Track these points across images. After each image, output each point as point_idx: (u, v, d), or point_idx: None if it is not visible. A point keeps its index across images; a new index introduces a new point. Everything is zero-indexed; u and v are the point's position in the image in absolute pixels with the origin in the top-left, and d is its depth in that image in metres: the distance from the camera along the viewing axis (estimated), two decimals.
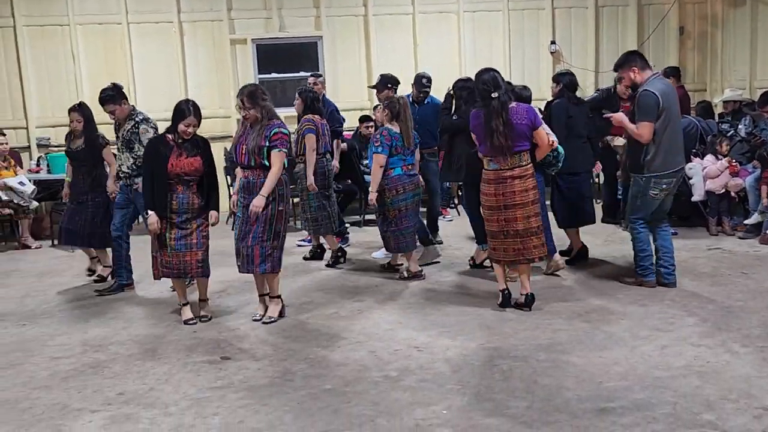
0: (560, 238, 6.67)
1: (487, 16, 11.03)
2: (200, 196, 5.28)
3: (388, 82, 7.49)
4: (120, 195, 6.26)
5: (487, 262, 6.29)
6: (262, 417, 3.78)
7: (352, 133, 9.71)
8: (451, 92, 6.67)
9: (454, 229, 8.39)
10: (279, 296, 5.44)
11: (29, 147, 10.12)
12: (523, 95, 6.06)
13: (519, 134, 5.19)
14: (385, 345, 4.76)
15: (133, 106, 6.28)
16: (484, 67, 5.49)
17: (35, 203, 8.87)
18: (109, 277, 6.63)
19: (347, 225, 8.14)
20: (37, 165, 9.63)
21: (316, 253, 7.32)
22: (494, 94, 5.16)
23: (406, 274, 6.36)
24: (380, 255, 7.15)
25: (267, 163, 5.14)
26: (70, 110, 6.53)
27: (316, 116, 6.97)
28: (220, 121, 10.57)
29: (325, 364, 4.48)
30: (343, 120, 8.46)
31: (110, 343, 5.05)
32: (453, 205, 9.64)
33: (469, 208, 6.58)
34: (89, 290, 6.51)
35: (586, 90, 10.39)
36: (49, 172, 9.36)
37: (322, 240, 7.27)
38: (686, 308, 5.21)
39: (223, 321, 5.44)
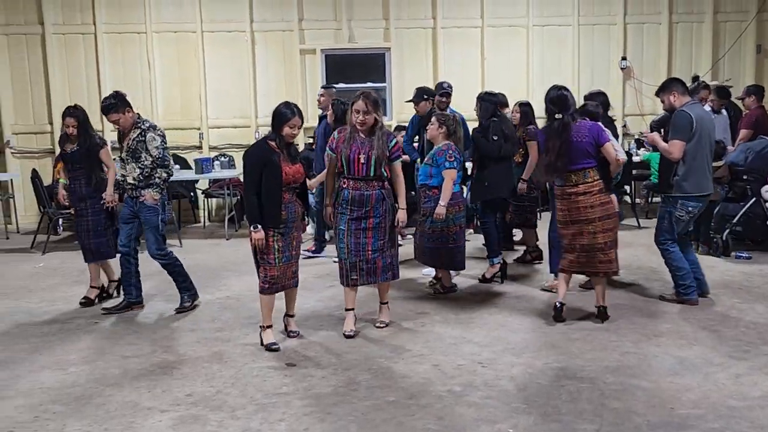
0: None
1: (556, 30, 10.93)
2: (301, 204, 5.10)
3: (424, 95, 7.46)
4: (125, 208, 5.92)
5: (497, 277, 6.62)
6: (327, 426, 3.81)
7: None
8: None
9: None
10: (387, 302, 5.49)
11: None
12: (593, 112, 6.01)
13: (581, 152, 5.24)
14: (449, 359, 4.74)
15: (138, 114, 5.93)
16: (555, 84, 5.52)
17: None
18: (115, 292, 6.40)
19: None
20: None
21: None
22: (558, 115, 5.25)
23: (441, 290, 6.32)
24: (430, 271, 7.07)
25: (384, 174, 5.10)
26: (65, 114, 6.14)
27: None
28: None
29: (389, 375, 4.49)
30: None
31: (178, 345, 5.16)
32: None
33: (486, 222, 6.69)
34: (158, 290, 6.66)
35: (657, 109, 10.18)
36: None
37: None
38: (762, 336, 5.04)
39: (281, 328, 5.50)
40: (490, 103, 6.63)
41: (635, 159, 9.77)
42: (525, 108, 7.31)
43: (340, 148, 5.12)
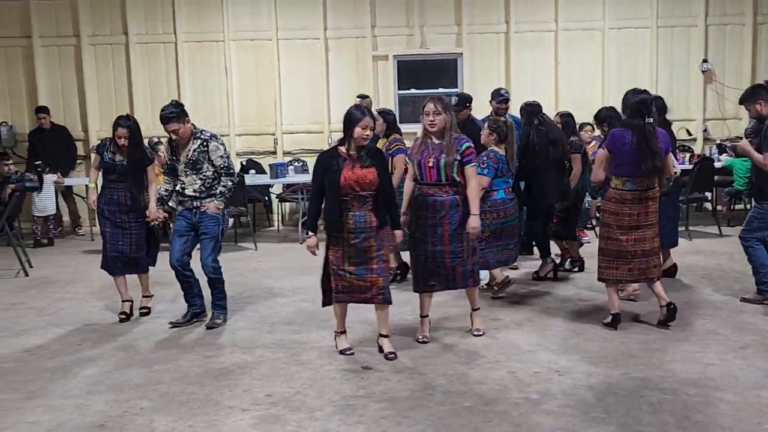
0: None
1: (633, 33, 10.73)
2: (378, 214, 4.81)
3: (466, 102, 7.36)
4: (180, 221, 5.73)
5: (550, 275, 6.84)
6: (404, 429, 3.83)
7: None
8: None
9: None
10: (479, 308, 5.46)
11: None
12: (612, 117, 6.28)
13: None
14: (525, 366, 4.70)
15: (193, 124, 5.72)
16: (635, 88, 5.43)
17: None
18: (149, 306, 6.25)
19: None
20: None
21: (396, 275, 7.04)
22: (649, 119, 5.20)
23: (496, 288, 6.35)
24: (485, 275, 7.05)
25: (457, 179, 5.00)
26: (117, 125, 5.89)
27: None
28: None
29: (465, 380, 4.48)
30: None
31: (256, 346, 5.28)
32: (591, 226, 9.39)
33: (535, 225, 6.87)
34: (235, 292, 6.83)
35: (740, 113, 9.87)
36: None
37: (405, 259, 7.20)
38: None
39: (363, 331, 5.55)
40: (528, 113, 6.64)
41: (717, 165, 9.48)
42: (567, 118, 7.30)
43: (412, 155, 5.11)
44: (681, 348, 4.95)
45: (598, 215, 6.40)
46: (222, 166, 5.68)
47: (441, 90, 10.99)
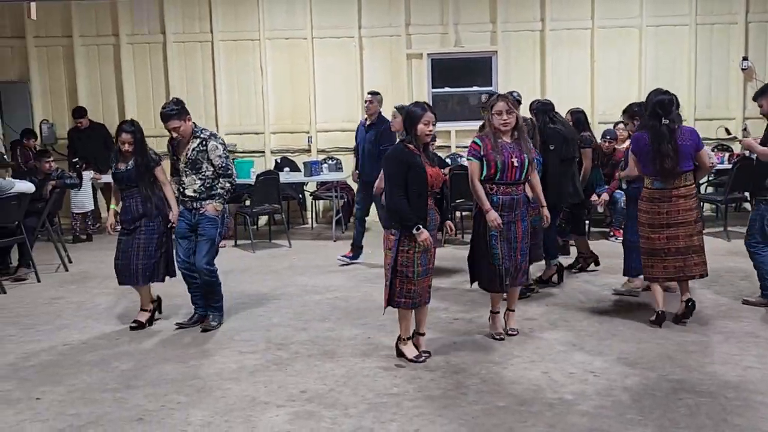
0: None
1: (672, 30, 10.57)
2: (439, 212, 4.81)
3: None
4: (180, 223, 5.61)
5: (554, 278, 6.75)
6: (438, 428, 3.84)
7: None
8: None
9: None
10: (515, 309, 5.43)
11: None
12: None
13: (684, 155, 5.31)
14: (559, 367, 4.68)
15: (194, 123, 5.61)
16: (657, 88, 5.53)
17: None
18: (147, 323, 5.83)
19: None
20: None
21: None
22: (664, 120, 5.25)
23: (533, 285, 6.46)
24: None
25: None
26: (121, 130, 5.62)
27: None
28: None
29: (498, 380, 4.47)
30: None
31: (291, 343, 5.32)
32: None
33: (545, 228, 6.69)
34: (269, 288, 6.90)
35: None
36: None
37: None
38: None
39: (395, 330, 5.55)
40: (541, 112, 6.58)
41: None
42: (578, 115, 7.30)
43: (491, 154, 4.91)
44: (719, 350, 4.88)
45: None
46: (220, 166, 5.54)
47: (475, 89, 10.97)
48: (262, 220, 10.57)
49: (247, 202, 9.88)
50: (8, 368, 4.95)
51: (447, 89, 10.96)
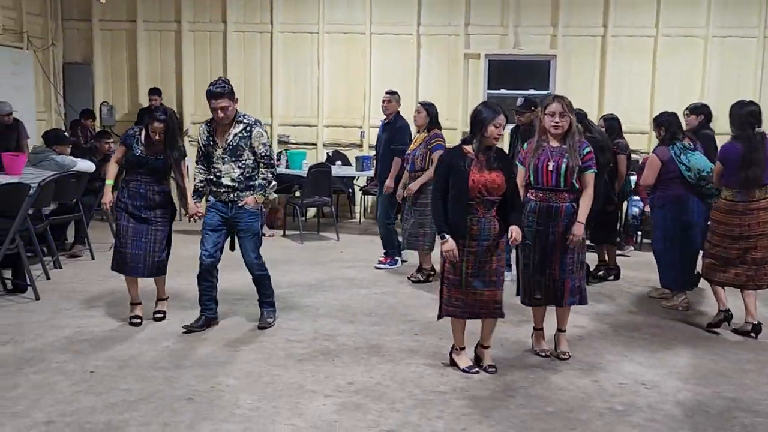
0: None
1: (738, 42, 10.32)
2: (500, 221, 4.48)
3: (532, 105, 7.04)
4: (213, 215, 5.25)
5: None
6: (486, 428, 3.81)
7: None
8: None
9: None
10: (566, 331, 5.04)
11: (271, 143, 10.98)
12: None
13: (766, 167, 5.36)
14: (610, 376, 4.60)
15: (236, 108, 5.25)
16: (742, 99, 5.61)
17: (274, 195, 9.57)
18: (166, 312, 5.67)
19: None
20: (278, 160, 10.41)
21: (429, 275, 6.95)
22: (759, 129, 5.25)
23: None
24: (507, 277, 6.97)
25: (576, 185, 4.71)
26: (154, 118, 5.29)
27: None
28: (446, 132, 10.72)
29: (547, 385, 4.42)
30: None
31: (338, 334, 5.33)
32: None
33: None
34: (317, 280, 6.93)
35: None
36: (287, 167, 10.08)
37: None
38: None
39: (443, 329, 5.53)
40: (576, 118, 6.43)
41: None
42: (611, 122, 7.27)
43: (527, 157, 4.76)
44: None
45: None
46: (263, 155, 5.20)
47: (531, 92, 10.85)
48: (311, 211, 10.63)
49: (297, 194, 9.95)
50: (64, 341, 5.06)
51: (503, 91, 10.86)
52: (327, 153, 10.93)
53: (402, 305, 6.16)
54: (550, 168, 4.65)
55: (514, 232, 4.41)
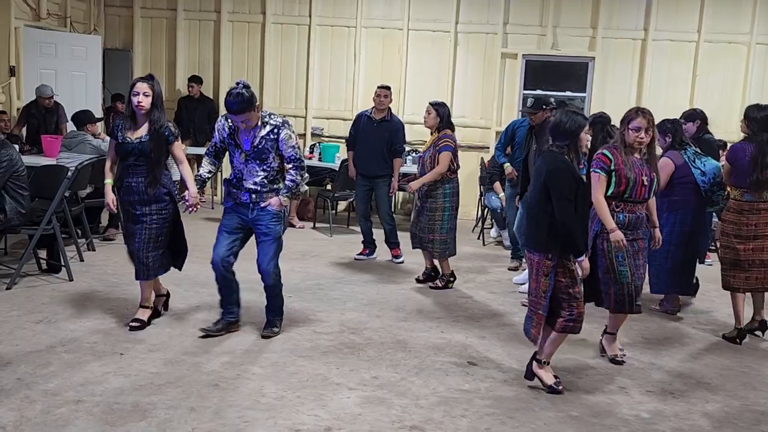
0: None
1: None
2: None
3: (542, 104, 6.83)
4: (231, 216, 4.91)
5: None
6: (509, 429, 3.80)
7: None
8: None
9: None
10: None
11: (305, 135, 11.03)
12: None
13: None
14: (637, 383, 4.55)
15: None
16: (757, 104, 5.69)
17: (306, 187, 9.65)
18: (162, 309, 5.36)
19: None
20: (311, 152, 10.46)
21: (430, 276, 6.82)
22: None
23: None
24: (521, 279, 6.81)
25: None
26: (138, 80, 4.83)
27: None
28: (480, 131, 10.77)
29: (573, 389, 4.39)
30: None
31: (365, 328, 5.35)
32: (714, 247, 8.93)
33: None
34: (345, 273, 6.96)
35: None
36: (320, 159, 10.12)
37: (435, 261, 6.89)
38: None
39: (469, 327, 5.54)
40: (599, 124, 6.29)
41: None
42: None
43: (624, 170, 4.60)
44: None
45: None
46: (293, 157, 4.82)
47: (568, 93, 10.78)
48: (342, 205, 10.66)
49: (329, 187, 9.99)
50: (96, 321, 5.15)
51: (539, 92, 10.77)
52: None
53: (429, 302, 6.16)
54: (646, 182, 4.65)
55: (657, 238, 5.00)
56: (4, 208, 5.81)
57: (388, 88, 7.79)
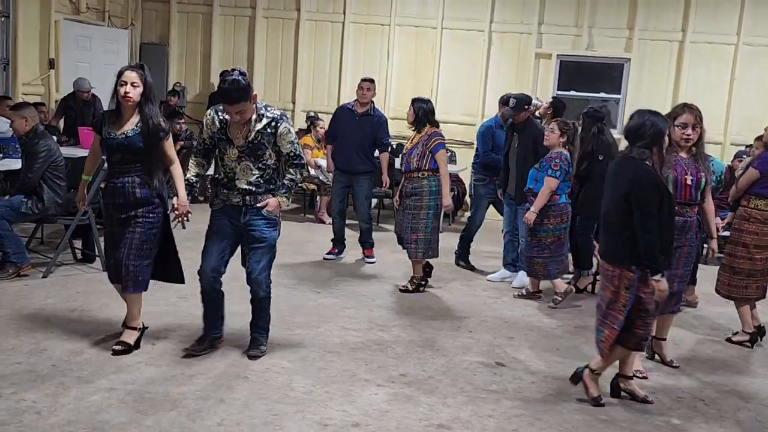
0: None
1: None
2: None
3: (525, 104, 6.71)
4: (221, 220, 4.41)
5: (589, 287, 6.68)
6: (537, 431, 3.78)
7: None
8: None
9: None
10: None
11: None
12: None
13: None
14: (668, 389, 4.50)
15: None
16: None
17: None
18: (135, 343, 4.51)
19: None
20: None
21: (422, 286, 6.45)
22: None
23: (560, 299, 6.15)
24: (497, 277, 6.85)
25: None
26: (126, 68, 4.34)
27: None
28: None
29: (603, 393, 4.31)
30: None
31: (393, 326, 5.36)
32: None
33: (585, 235, 6.52)
34: (375, 271, 6.97)
35: None
36: None
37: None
38: None
39: (498, 328, 5.52)
40: (594, 119, 6.47)
41: None
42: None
43: (662, 169, 4.25)
44: None
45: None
46: (292, 153, 4.36)
47: (602, 95, 10.69)
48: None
49: None
50: None
51: (573, 92, 10.71)
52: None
53: (457, 301, 6.15)
54: (689, 182, 4.45)
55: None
56: (42, 197, 5.94)
57: (372, 81, 7.44)
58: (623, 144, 7.51)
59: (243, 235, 4.42)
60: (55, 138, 6.87)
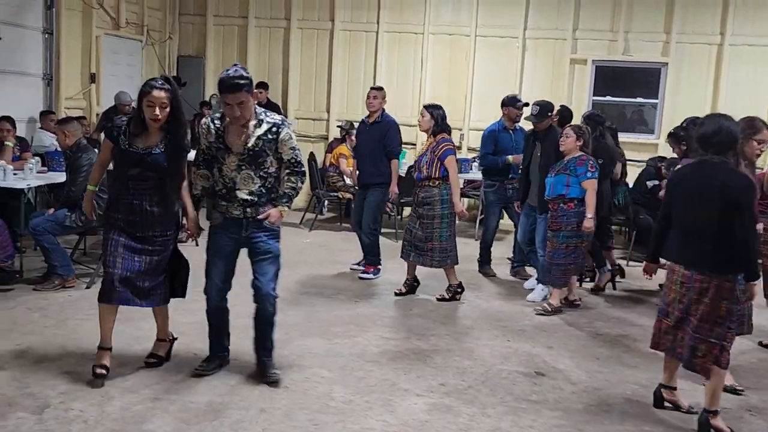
0: None
1: None
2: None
3: (548, 112, 6.69)
4: (222, 236, 4.19)
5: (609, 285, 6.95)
6: None
7: None
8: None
9: None
10: None
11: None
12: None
13: None
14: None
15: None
16: None
17: None
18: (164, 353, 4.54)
19: None
20: None
21: (413, 287, 6.48)
22: None
23: (549, 309, 6.07)
24: (538, 298, 6.46)
25: None
26: (153, 87, 4.03)
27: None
28: None
29: (644, 404, 4.29)
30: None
31: (431, 335, 5.36)
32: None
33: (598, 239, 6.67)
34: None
35: None
36: None
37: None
38: None
39: (536, 336, 5.48)
40: (596, 123, 6.58)
41: None
42: (612, 131, 7.23)
43: None
44: None
45: None
46: (294, 160, 4.17)
47: (639, 99, 10.57)
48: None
49: None
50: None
51: (609, 98, 10.61)
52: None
53: (495, 310, 6.13)
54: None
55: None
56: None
57: (379, 89, 7.29)
58: (621, 146, 7.50)
59: (245, 247, 4.23)
60: (97, 151, 7.00)
